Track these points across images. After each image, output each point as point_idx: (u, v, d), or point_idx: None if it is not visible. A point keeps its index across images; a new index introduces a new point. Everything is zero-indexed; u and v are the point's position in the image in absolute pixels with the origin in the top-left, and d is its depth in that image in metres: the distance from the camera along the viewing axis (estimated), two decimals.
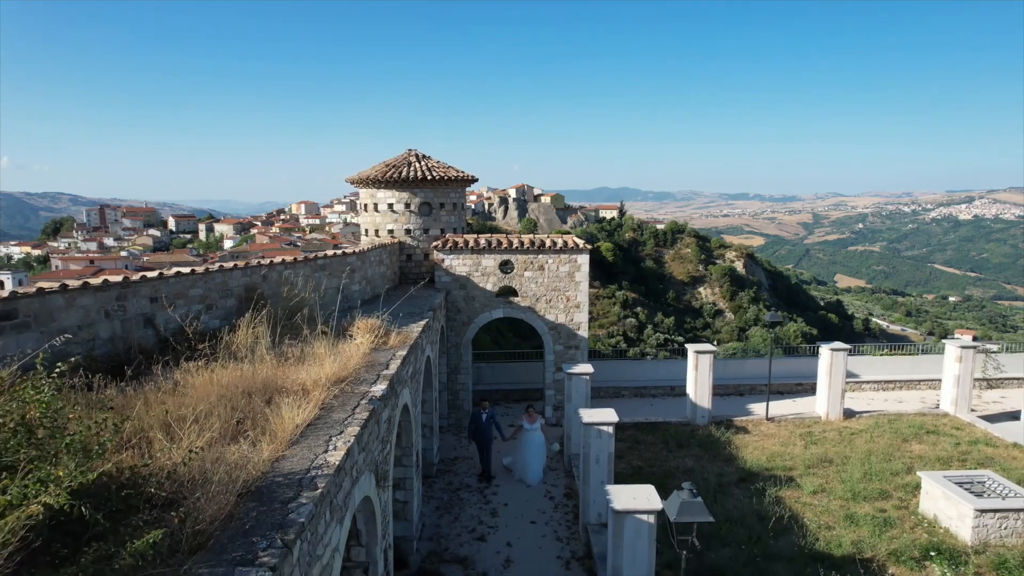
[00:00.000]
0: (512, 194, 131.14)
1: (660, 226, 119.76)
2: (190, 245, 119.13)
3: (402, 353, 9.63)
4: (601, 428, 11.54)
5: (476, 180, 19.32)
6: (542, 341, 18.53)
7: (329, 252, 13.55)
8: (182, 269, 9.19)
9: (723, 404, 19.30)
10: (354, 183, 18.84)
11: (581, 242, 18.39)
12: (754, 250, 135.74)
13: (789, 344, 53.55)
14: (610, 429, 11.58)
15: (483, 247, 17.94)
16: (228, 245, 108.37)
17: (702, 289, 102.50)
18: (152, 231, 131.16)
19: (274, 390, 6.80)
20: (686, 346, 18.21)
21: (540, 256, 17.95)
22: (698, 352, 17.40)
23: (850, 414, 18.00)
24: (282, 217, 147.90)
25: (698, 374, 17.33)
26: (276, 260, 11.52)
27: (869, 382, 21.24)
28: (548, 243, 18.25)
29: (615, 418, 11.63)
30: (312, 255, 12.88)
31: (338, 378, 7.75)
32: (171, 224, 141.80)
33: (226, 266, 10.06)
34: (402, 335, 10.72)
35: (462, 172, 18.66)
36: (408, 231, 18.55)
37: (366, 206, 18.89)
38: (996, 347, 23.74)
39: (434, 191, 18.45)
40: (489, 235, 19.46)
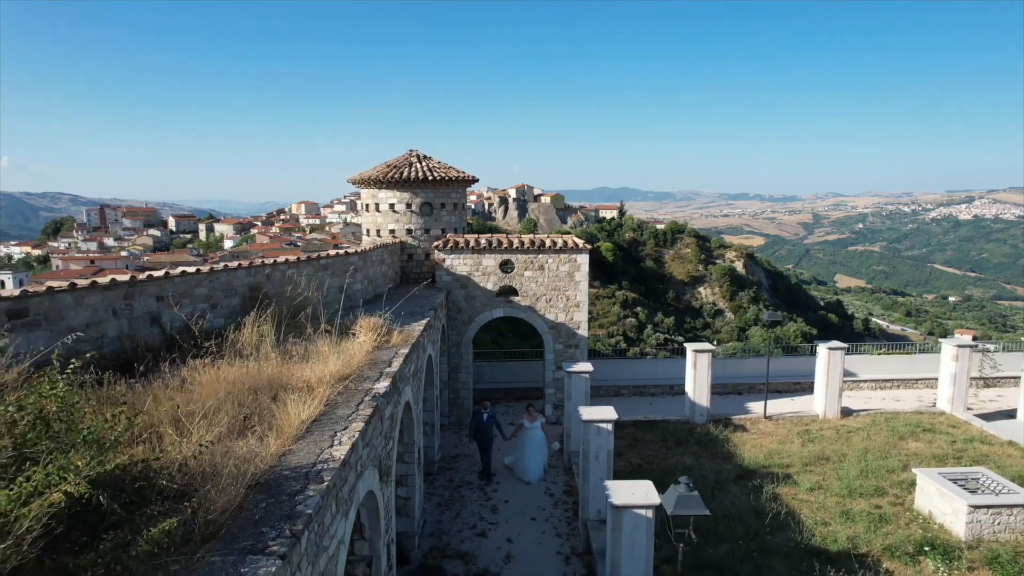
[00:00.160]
0: (512, 194, 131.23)
1: (660, 226, 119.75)
2: (190, 245, 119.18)
3: (404, 351, 9.76)
4: (600, 425, 11.68)
5: (476, 180, 19.46)
6: (542, 340, 18.66)
7: (332, 252, 13.68)
8: (187, 269, 9.31)
9: (722, 403, 19.43)
10: (356, 183, 18.97)
11: (581, 242, 18.52)
12: (754, 250, 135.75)
13: (789, 344, 53.66)
14: (609, 426, 11.72)
15: (484, 247, 18.07)
16: (228, 245, 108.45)
17: (702, 289, 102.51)
18: (152, 231, 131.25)
19: (279, 387, 6.94)
20: (685, 345, 18.35)
21: (540, 256, 18.09)
22: (697, 351, 17.53)
23: (847, 412, 18.14)
24: (282, 217, 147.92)
25: (697, 373, 17.47)
26: (280, 260, 11.65)
27: (866, 381, 21.38)
28: (548, 243, 18.38)
29: (614, 416, 11.77)
30: (315, 255, 13.01)
31: (342, 375, 7.88)
32: (171, 224, 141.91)
33: (230, 266, 10.17)
34: (404, 334, 10.85)
35: (463, 172, 18.80)
36: (409, 231, 18.69)
37: (367, 206, 19.02)
38: (993, 347, 23.88)
39: (435, 191, 18.59)
40: (489, 235, 19.59)
